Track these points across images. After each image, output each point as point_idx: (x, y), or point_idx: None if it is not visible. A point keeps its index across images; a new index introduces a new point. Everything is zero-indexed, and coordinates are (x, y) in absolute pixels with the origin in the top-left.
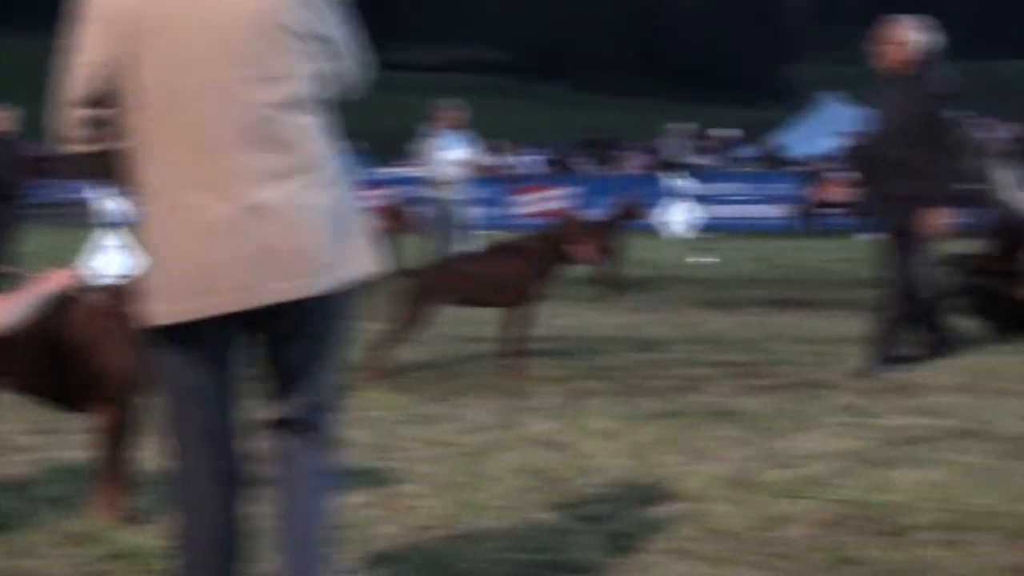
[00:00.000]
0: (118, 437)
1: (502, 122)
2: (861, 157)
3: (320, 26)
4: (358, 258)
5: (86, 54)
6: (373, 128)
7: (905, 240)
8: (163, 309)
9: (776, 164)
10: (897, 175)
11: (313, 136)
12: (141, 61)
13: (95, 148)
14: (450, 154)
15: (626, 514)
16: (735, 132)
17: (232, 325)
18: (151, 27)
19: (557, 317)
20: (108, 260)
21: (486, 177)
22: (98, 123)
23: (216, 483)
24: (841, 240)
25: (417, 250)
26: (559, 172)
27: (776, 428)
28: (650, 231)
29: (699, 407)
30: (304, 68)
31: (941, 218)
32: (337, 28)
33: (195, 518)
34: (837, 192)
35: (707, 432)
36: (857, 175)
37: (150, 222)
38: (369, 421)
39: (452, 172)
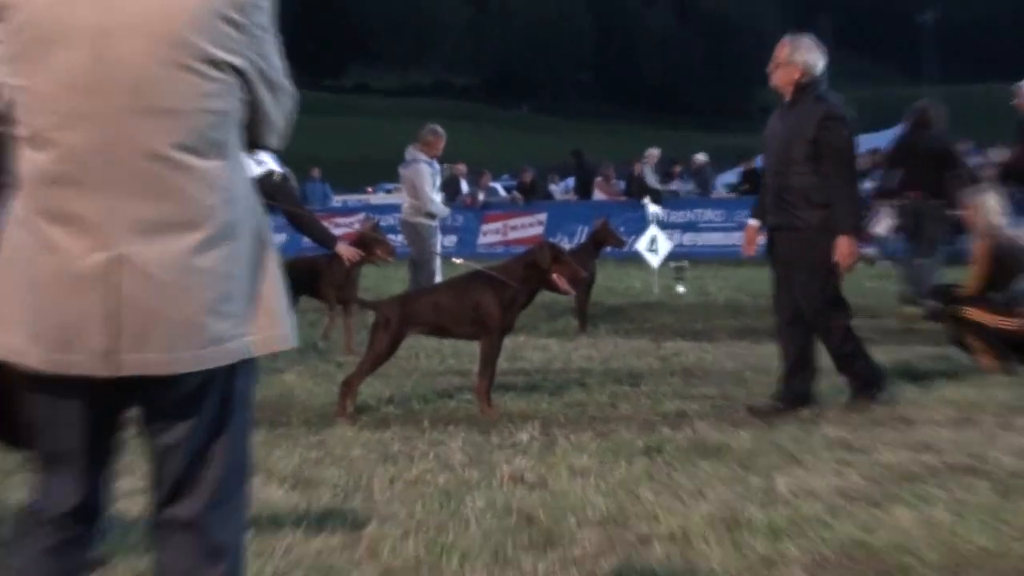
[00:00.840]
0: None
1: (467, 147)
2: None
3: (248, 53)
4: (258, 331)
5: None
6: (332, 153)
7: (807, 272)
8: (5, 341)
9: (752, 190)
10: (793, 204)
11: (210, 185)
12: (27, 68)
13: None
14: (438, 181)
15: (609, 556)
16: (706, 158)
17: (99, 389)
18: (44, 31)
19: (530, 349)
20: None
21: (458, 205)
22: None
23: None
24: None
25: (386, 280)
26: (530, 198)
27: (764, 464)
28: (624, 259)
29: (681, 442)
30: (212, 103)
31: (852, 247)
32: (272, 56)
33: None
34: None
35: (691, 469)
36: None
37: (6, 243)
38: (339, 459)
39: (439, 200)
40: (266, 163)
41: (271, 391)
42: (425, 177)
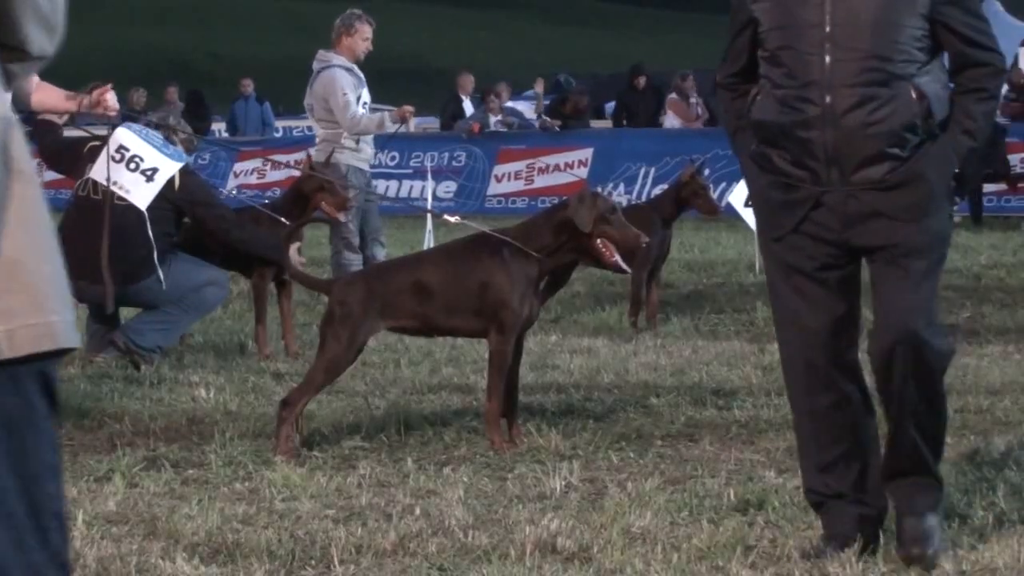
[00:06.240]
0: None
1: (472, 46)
2: None
3: None
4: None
5: None
6: (272, 55)
7: (916, 269)
8: None
9: None
10: (882, 139)
11: None
12: None
13: None
14: (366, 97)
15: None
16: None
17: None
18: None
19: (566, 354)
20: None
21: (458, 136)
22: None
23: None
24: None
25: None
26: (571, 125)
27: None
28: (709, 219)
29: (794, 494)
30: None
31: None
32: None
33: None
34: None
35: (807, 533)
36: None
37: None
38: (279, 518)
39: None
40: (158, 167)
41: (176, 416)
42: (339, 82)
